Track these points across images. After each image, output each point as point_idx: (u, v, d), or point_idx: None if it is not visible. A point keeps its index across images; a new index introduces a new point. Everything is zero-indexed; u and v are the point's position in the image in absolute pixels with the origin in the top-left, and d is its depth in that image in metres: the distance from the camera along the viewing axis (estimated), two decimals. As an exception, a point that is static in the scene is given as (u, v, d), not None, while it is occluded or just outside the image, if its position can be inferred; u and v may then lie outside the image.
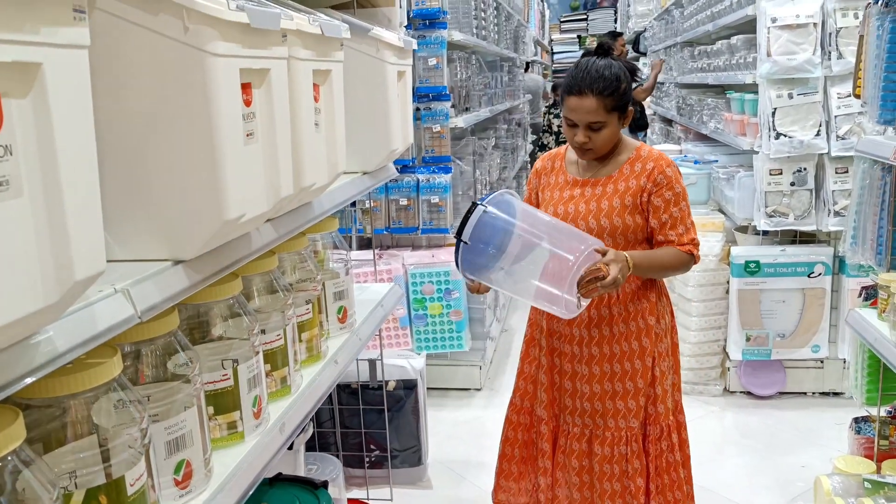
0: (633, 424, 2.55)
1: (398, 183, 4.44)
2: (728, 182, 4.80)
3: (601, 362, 2.56)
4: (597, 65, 2.45)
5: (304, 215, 1.91)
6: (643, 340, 2.54)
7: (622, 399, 2.55)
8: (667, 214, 2.47)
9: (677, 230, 2.48)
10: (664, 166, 2.49)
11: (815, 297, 4.35)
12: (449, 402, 4.66)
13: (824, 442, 4.03)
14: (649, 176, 2.47)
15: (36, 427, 1.12)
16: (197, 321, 1.66)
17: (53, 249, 0.89)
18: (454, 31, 4.59)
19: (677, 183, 2.50)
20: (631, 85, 2.50)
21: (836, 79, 4.00)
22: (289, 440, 1.81)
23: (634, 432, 2.55)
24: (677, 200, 2.48)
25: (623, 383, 2.55)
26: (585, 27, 16.28)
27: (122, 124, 1.25)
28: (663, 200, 2.47)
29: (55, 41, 0.88)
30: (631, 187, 2.48)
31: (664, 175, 2.47)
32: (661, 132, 8.56)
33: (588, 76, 2.43)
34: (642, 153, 2.54)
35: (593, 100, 2.41)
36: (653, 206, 2.47)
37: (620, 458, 2.56)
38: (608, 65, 2.45)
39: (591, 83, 2.41)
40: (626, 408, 2.55)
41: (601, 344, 2.56)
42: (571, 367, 2.61)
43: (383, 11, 2.71)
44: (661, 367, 2.57)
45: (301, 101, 1.67)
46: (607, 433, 2.56)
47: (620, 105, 2.45)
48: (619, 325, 2.54)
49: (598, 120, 2.43)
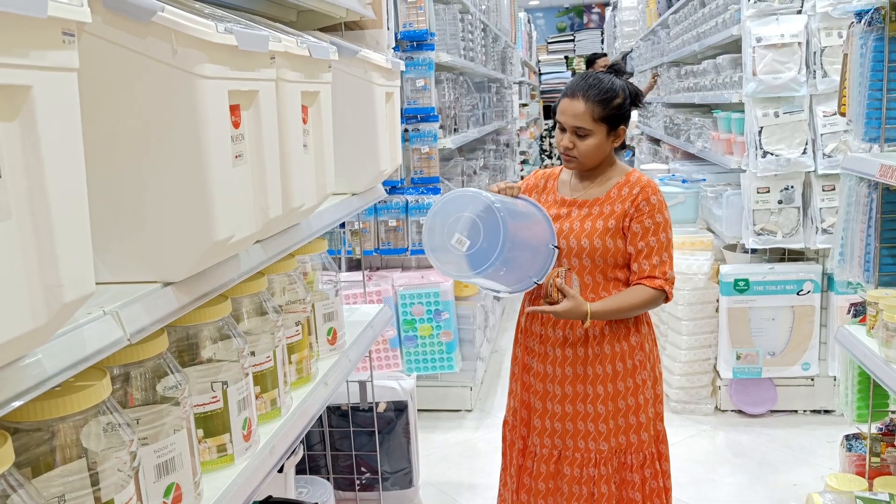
0: (603, 447, 2.52)
1: (387, 204, 4.45)
2: (716, 201, 4.82)
3: (574, 383, 2.55)
4: (598, 75, 2.49)
5: (293, 236, 1.91)
6: (617, 364, 2.51)
7: (593, 421, 2.53)
8: (643, 242, 2.46)
9: (651, 260, 2.46)
10: (650, 193, 2.48)
11: (805, 315, 4.37)
12: (440, 423, 4.65)
13: (816, 460, 4.03)
14: (633, 201, 2.47)
15: (24, 451, 1.11)
16: (186, 343, 1.65)
17: (42, 272, 0.89)
18: (442, 53, 4.62)
19: (660, 213, 2.48)
20: (628, 105, 2.51)
21: (821, 97, 4.04)
22: (279, 463, 1.80)
23: (604, 455, 2.53)
24: (657, 230, 2.47)
25: (595, 405, 2.53)
26: (573, 48, 16.40)
27: (110, 146, 1.25)
28: (642, 227, 2.46)
29: (44, 64, 0.88)
30: (616, 211, 2.48)
31: (647, 202, 2.47)
32: (649, 151, 8.61)
33: (585, 82, 2.47)
34: (632, 178, 2.54)
35: (582, 104, 2.43)
36: (632, 231, 2.47)
37: (588, 480, 2.53)
38: (610, 78, 2.48)
39: (586, 89, 2.45)
40: (596, 430, 2.53)
41: (574, 364, 2.54)
42: (543, 386, 2.60)
43: (371, 34, 2.73)
44: (645, 395, 2.54)
45: (289, 123, 1.68)
46: (577, 454, 2.55)
47: (610, 117, 2.46)
48: (594, 347, 2.52)
49: (584, 126, 2.45)
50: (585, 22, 17.35)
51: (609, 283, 2.50)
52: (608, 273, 2.49)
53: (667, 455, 2.64)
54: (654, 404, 2.59)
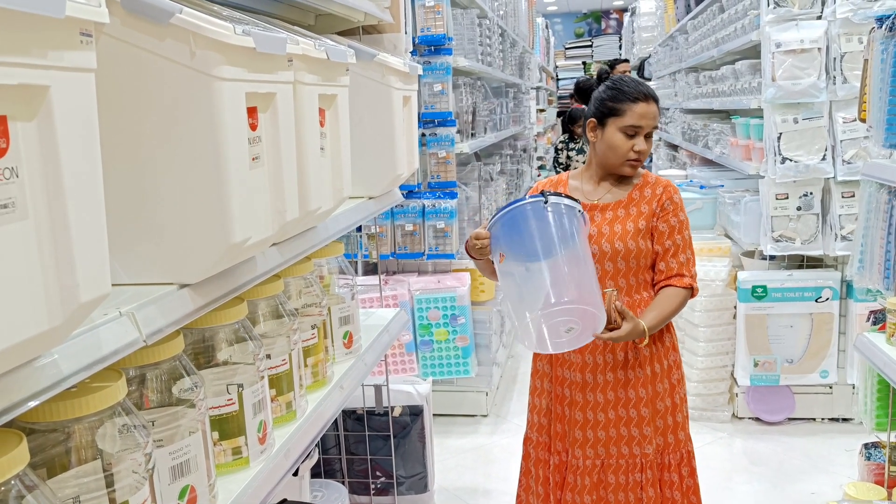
0: (648, 451, 2.52)
1: (404, 208, 4.45)
2: (734, 207, 4.79)
3: (615, 388, 2.52)
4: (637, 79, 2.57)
5: (310, 239, 1.91)
6: (655, 366, 2.52)
7: (637, 426, 2.51)
8: (670, 241, 2.49)
9: (679, 258, 2.50)
10: (672, 192, 2.53)
11: (823, 322, 4.33)
12: (455, 428, 4.64)
13: (834, 468, 3.99)
14: (659, 200, 2.50)
15: (40, 452, 1.11)
16: (202, 346, 1.65)
17: (58, 272, 0.89)
18: (459, 57, 4.62)
19: (682, 211, 2.53)
20: None
21: (841, 103, 4.01)
22: (294, 466, 1.79)
23: (649, 459, 2.52)
24: (681, 228, 2.51)
25: (638, 409, 2.51)
26: (590, 53, 16.37)
27: (127, 148, 1.26)
28: (668, 226, 2.49)
29: (62, 64, 0.88)
30: (644, 212, 2.50)
31: (671, 201, 2.51)
32: (667, 157, 8.57)
33: (645, 86, 2.53)
34: (650, 179, 2.58)
35: (656, 107, 2.50)
36: (657, 231, 2.49)
37: (635, 486, 2.52)
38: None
39: (652, 92, 2.52)
40: (640, 434, 2.52)
41: (615, 370, 2.51)
42: (583, 396, 2.55)
43: (389, 37, 2.73)
44: (680, 395, 2.57)
45: (306, 126, 1.68)
46: (621, 461, 2.53)
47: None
48: (629, 351, 2.51)
49: (656, 127, 2.54)
50: (603, 27, 17.33)
51: (640, 285, 2.51)
52: (640, 275, 2.51)
53: (693, 453, 2.64)
54: (684, 404, 2.61)
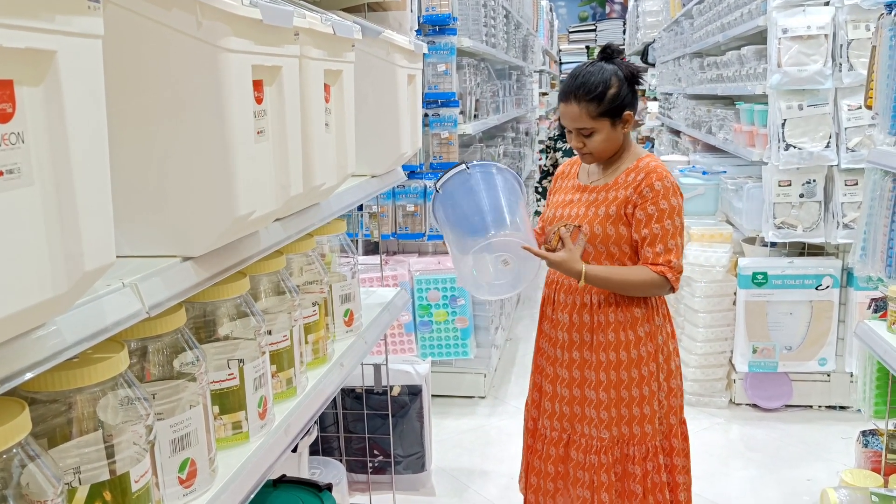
0: (604, 435, 2.51)
1: (405, 189, 4.44)
2: (736, 193, 4.78)
3: (581, 367, 2.54)
4: (587, 70, 2.46)
5: (313, 216, 1.90)
6: (621, 354, 2.48)
7: (595, 408, 2.52)
8: (647, 230, 2.41)
9: (655, 248, 2.41)
10: (654, 179, 2.41)
11: (823, 310, 4.33)
12: (453, 409, 4.64)
13: (830, 456, 4.01)
14: (637, 187, 2.43)
15: (41, 422, 1.11)
16: (203, 320, 1.65)
17: (63, 239, 0.88)
18: (464, 38, 4.59)
19: (665, 199, 2.41)
20: (625, 89, 2.46)
21: (846, 90, 3.99)
22: (293, 442, 1.79)
23: (605, 444, 2.51)
24: (661, 217, 2.40)
25: (597, 392, 2.52)
26: (594, 38, 16.30)
27: (132, 119, 1.25)
28: (645, 214, 2.41)
29: (69, 29, 0.87)
30: (619, 197, 2.45)
31: (651, 188, 2.41)
32: (670, 143, 8.55)
33: (574, 82, 2.45)
34: (641, 164, 2.49)
35: (576, 106, 2.42)
36: (636, 218, 2.42)
37: (590, 467, 2.53)
38: (599, 70, 2.45)
39: (576, 90, 2.43)
40: (598, 417, 2.52)
41: (581, 349, 2.54)
42: (553, 370, 2.61)
43: (394, 15, 2.71)
44: (651, 387, 2.49)
45: (312, 101, 1.67)
46: (582, 439, 2.55)
47: (609, 110, 2.43)
48: (599, 334, 2.51)
49: (585, 126, 2.44)
50: (608, 12, 17.24)
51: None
52: (623, 262, 2.47)
53: (681, 450, 2.60)
54: (668, 397, 2.55)
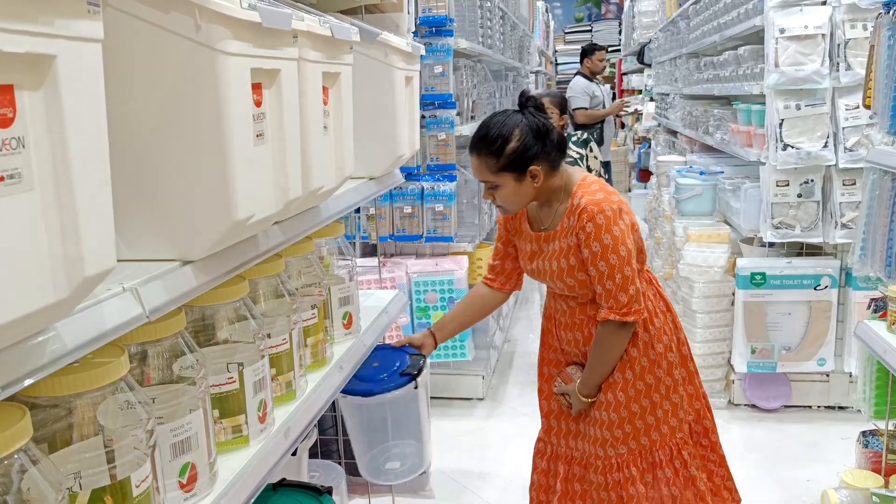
0: (622, 451, 2.46)
1: (403, 191, 4.43)
2: (734, 193, 4.78)
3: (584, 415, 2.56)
4: (493, 121, 2.35)
5: (312, 219, 1.90)
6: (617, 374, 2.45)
7: (608, 428, 2.47)
8: (593, 268, 2.32)
9: (605, 285, 2.32)
10: (586, 220, 2.30)
11: (822, 310, 4.33)
12: (451, 411, 4.64)
13: (830, 456, 4.01)
14: (576, 231, 2.34)
15: (41, 427, 1.10)
16: (202, 324, 1.64)
17: (64, 244, 0.88)
18: (460, 39, 4.59)
19: (607, 232, 2.29)
20: (531, 141, 2.32)
21: (844, 90, 3.99)
22: (293, 445, 1.79)
23: (625, 458, 2.46)
24: (605, 253, 2.29)
25: (608, 413, 2.47)
26: (590, 38, 16.29)
27: (131, 122, 1.24)
28: (590, 252, 2.32)
29: (69, 34, 0.87)
30: (571, 245, 2.36)
31: (584, 230, 2.31)
32: (666, 143, 8.56)
33: (477, 133, 2.36)
34: (575, 201, 2.36)
35: (477, 160, 2.36)
36: (585, 258, 2.34)
37: (615, 485, 2.48)
38: (502, 122, 2.34)
39: (477, 142, 2.35)
40: (612, 436, 2.47)
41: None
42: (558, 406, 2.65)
43: (391, 17, 2.71)
44: (652, 399, 2.46)
45: (310, 103, 1.66)
46: (598, 461, 2.50)
47: (510, 164, 2.31)
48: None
49: (488, 180, 2.37)
50: (603, 12, 17.25)
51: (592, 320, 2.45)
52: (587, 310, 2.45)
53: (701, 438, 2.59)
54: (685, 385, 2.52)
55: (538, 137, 2.34)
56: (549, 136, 2.36)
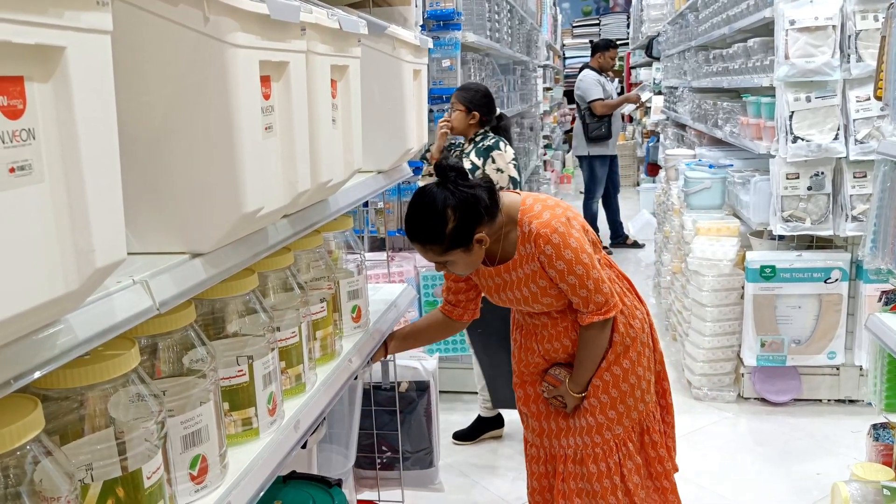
0: (619, 431, 2.54)
1: (411, 185, 4.42)
2: (743, 186, 4.77)
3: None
4: (420, 211, 2.30)
5: (321, 212, 1.90)
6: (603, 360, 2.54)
7: (602, 412, 2.53)
8: (564, 284, 2.39)
9: (580, 294, 2.40)
10: (542, 244, 2.34)
11: (832, 303, 4.31)
12: (460, 405, 4.64)
13: (840, 450, 4.00)
14: (539, 255, 2.37)
15: (53, 419, 1.11)
16: (212, 317, 1.65)
17: (74, 236, 0.88)
18: (468, 33, 4.58)
19: (566, 248, 2.34)
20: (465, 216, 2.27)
21: (854, 82, 3.97)
22: (303, 438, 1.79)
23: (621, 437, 2.54)
24: (570, 268, 2.35)
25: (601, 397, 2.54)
26: (598, 32, 16.26)
27: (140, 115, 1.24)
28: (556, 272, 2.37)
29: (78, 25, 0.87)
30: (535, 269, 2.40)
31: (544, 254, 2.35)
32: (675, 137, 8.53)
33: (410, 226, 2.33)
34: (524, 228, 2.38)
35: (421, 248, 2.34)
36: (553, 277, 2.39)
37: (616, 468, 2.54)
38: (429, 208, 2.28)
39: (413, 234, 2.33)
40: (607, 419, 2.53)
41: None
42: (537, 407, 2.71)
43: (399, 10, 2.70)
44: (637, 373, 2.54)
45: (319, 96, 1.66)
46: (597, 449, 2.54)
47: (454, 244, 2.29)
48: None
49: (438, 261, 2.37)
50: (611, 6, 17.20)
51: (573, 325, 2.51)
52: (568, 317, 2.51)
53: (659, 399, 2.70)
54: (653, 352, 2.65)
55: (470, 208, 2.28)
56: (479, 203, 2.30)
